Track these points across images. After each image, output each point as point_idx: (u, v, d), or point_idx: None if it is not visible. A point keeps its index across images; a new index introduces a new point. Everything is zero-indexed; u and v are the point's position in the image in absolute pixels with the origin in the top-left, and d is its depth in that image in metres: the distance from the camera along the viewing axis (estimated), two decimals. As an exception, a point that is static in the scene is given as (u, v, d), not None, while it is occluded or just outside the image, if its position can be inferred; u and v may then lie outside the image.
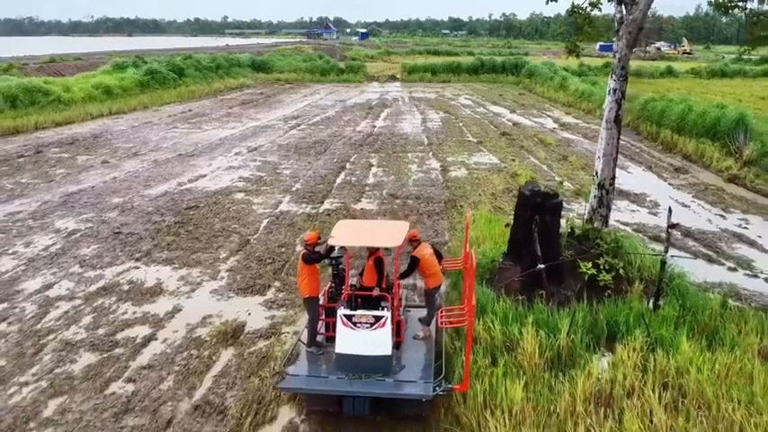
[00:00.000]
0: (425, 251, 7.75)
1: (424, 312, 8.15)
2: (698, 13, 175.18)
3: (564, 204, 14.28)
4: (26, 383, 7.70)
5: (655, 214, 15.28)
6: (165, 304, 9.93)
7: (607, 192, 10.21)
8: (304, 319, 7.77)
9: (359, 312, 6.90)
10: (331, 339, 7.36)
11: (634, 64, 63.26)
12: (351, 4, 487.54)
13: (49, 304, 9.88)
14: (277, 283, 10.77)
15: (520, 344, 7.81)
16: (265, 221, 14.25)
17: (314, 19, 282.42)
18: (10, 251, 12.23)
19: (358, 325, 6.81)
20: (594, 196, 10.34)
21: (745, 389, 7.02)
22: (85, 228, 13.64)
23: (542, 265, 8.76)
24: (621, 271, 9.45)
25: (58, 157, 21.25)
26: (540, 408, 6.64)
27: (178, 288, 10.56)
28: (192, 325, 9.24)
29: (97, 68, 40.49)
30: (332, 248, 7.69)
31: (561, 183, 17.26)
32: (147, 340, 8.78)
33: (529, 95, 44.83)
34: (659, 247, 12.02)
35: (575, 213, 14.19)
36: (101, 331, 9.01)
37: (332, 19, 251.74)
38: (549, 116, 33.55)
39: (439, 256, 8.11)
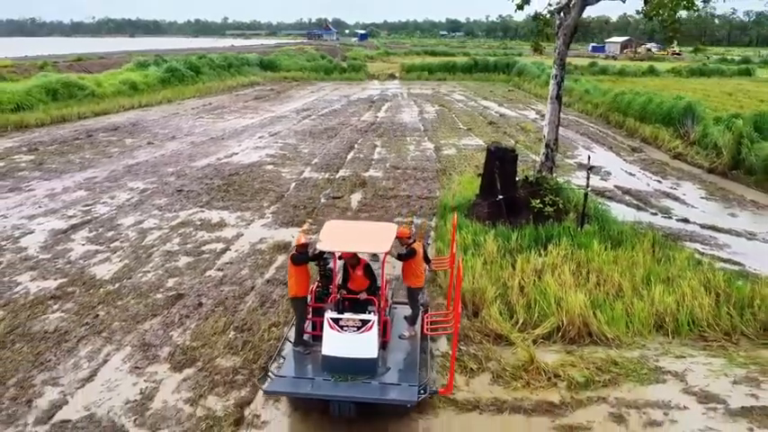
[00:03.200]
0: (420, 250, 7.95)
1: (410, 310, 8.20)
2: (689, 15, 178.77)
3: (532, 172, 18.00)
4: (148, 272, 11.37)
5: (605, 180, 19.01)
6: (231, 231, 13.62)
7: (552, 150, 13.88)
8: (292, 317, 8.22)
9: (346, 316, 6.95)
10: (318, 338, 7.39)
11: (619, 64, 67.55)
12: (349, 5, 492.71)
13: (145, 232, 13.56)
14: (310, 220, 14.47)
15: (483, 245, 11.52)
16: (294, 184, 17.94)
17: (313, 20, 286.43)
18: (101, 201, 15.90)
19: (345, 328, 6.88)
20: (543, 153, 14.02)
21: (630, 266, 10.73)
22: (153, 187, 17.33)
23: (501, 196, 12.45)
24: (561, 205, 13.13)
25: (108, 139, 24.92)
26: (493, 273, 10.35)
27: (237, 223, 14.25)
28: (253, 242, 12.94)
29: (121, 66, 44.13)
30: (321, 252, 7.74)
31: (516, 143, 21.27)
32: (224, 250, 12.47)
33: (517, 92, 48.61)
34: (604, 200, 15.89)
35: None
36: (189, 246, 12.70)
37: (331, 20, 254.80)
38: (533, 109, 37.31)
39: (427, 260, 8.39)
